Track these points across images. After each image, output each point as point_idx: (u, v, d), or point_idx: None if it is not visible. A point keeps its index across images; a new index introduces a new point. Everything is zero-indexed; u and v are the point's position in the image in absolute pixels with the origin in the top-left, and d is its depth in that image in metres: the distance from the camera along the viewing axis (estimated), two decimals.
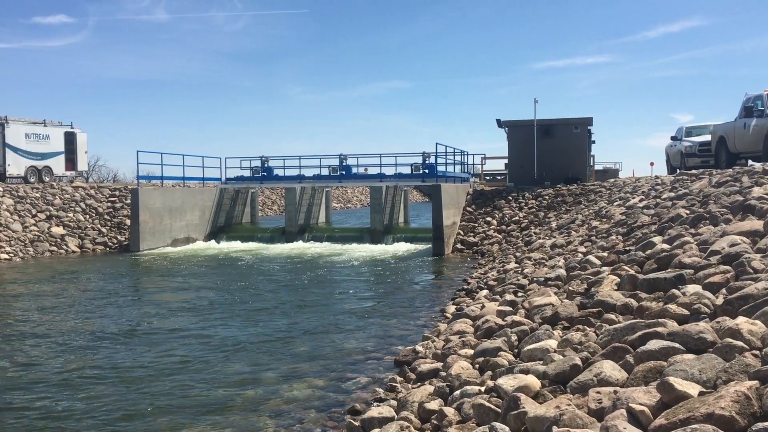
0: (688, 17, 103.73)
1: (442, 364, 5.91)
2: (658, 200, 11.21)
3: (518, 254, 13.64)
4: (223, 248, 21.90)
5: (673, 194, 11.07)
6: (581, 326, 5.15)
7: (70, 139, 25.80)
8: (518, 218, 20.55)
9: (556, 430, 3.13)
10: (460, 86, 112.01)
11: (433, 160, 22.94)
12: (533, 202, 21.47)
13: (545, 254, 11.22)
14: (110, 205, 23.15)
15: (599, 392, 3.45)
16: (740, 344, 3.43)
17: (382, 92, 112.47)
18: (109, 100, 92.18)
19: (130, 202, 21.62)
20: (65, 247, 20.51)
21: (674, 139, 20.25)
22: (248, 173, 26.25)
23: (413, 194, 53.40)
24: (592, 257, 8.03)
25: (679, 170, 17.24)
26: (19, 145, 23.56)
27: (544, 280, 7.96)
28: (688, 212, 8.39)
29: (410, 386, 5.79)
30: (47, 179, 24.54)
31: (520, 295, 7.84)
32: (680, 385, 3.00)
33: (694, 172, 14.11)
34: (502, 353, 5.30)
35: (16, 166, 23.49)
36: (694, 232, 7.19)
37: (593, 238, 10.48)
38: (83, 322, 10.09)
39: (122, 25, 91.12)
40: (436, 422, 4.41)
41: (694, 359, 3.36)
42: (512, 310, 6.90)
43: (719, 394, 2.77)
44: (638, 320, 4.48)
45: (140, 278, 15.61)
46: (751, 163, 14.51)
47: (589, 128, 24.12)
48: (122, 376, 7.11)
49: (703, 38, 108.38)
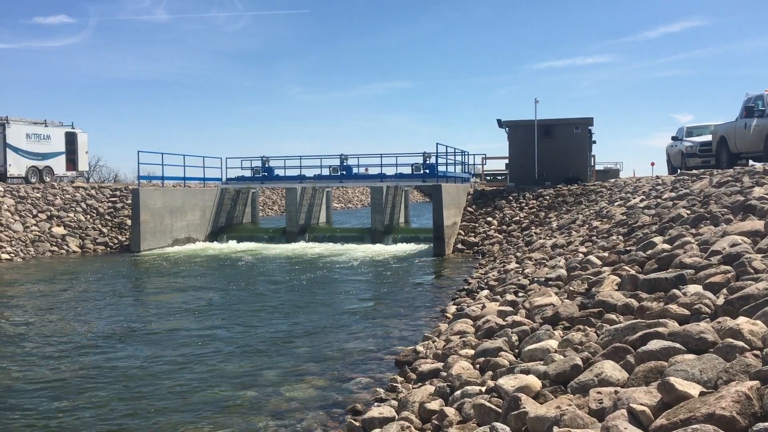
0: (688, 17, 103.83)
1: (442, 364, 5.90)
2: (658, 200, 11.21)
3: (519, 254, 13.63)
4: (223, 248, 21.91)
5: (673, 194, 11.06)
6: (582, 326, 5.14)
7: (70, 139, 25.83)
8: (519, 218, 20.54)
9: (556, 430, 3.13)
10: (460, 86, 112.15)
11: (433, 160, 22.92)
12: (534, 202, 21.46)
13: (546, 254, 11.22)
14: (111, 205, 23.17)
15: (600, 392, 3.45)
16: (741, 344, 3.43)
17: (382, 92, 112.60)
18: (109, 100, 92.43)
19: (130, 202, 21.63)
20: (66, 247, 20.52)
21: (675, 139, 20.25)
22: (249, 173, 26.25)
23: (414, 194, 53.42)
24: (592, 257, 8.02)
25: (679, 170, 17.24)
26: (19, 145, 23.59)
27: (544, 280, 7.96)
28: (688, 212, 8.39)
29: (411, 386, 5.78)
30: (48, 179, 24.56)
31: (520, 295, 7.84)
32: (681, 385, 3.00)
33: (694, 172, 14.10)
34: (502, 353, 5.30)
35: (17, 166, 23.52)
36: (694, 232, 7.19)
37: (594, 238, 10.48)
38: (84, 322, 10.09)
39: (123, 25, 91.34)
40: (436, 422, 4.40)
41: (694, 359, 3.36)
42: (513, 310, 6.90)
43: (720, 394, 2.77)
44: (639, 320, 4.48)
45: (141, 278, 15.62)
46: (751, 163, 14.50)
47: (589, 128, 24.12)
48: (122, 376, 7.11)
49: (703, 38, 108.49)
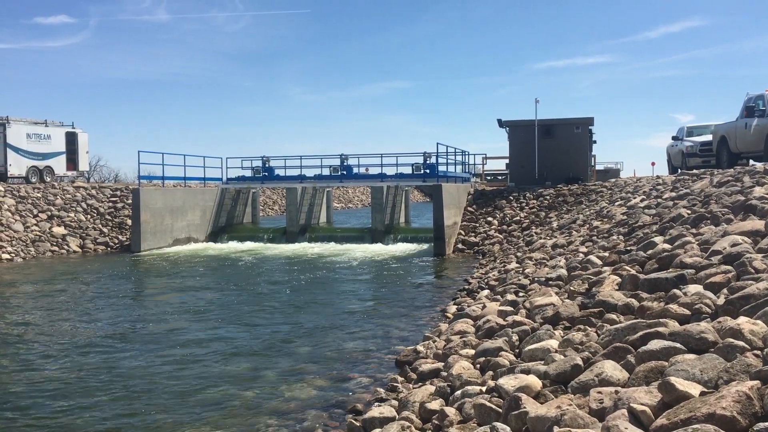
0: (688, 17, 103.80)
1: (443, 364, 5.90)
2: (659, 200, 11.20)
3: (519, 254, 13.63)
4: (224, 248, 21.90)
5: (674, 194, 11.06)
6: (582, 326, 5.14)
7: (71, 139, 25.84)
8: (519, 218, 20.53)
9: (557, 430, 3.13)
10: (460, 86, 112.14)
11: (434, 160, 22.93)
12: (534, 202, 21.45)
13: (546, 254, 11.22)
14: (111, 205, 23.17)
15: (600, 392, 3.45)
16: (741, 344, 3.43)
17: (382, 92, 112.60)
18: (109, 100, 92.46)
19: (131, 202, 21.62)
20: (66, 247, 20.52)
21: (675, 138, 20.24)
22: (249, 173, 26.24)
23: (414, 194, 53.41)
24: (593, 257, 8.02)
25: (680, 170, 17.24)
26: (20, 145, 23.60)
27: (545, 280, 7.95)
28: (689, 212, 8.38)
29: (411, 386, 5.78)
30: (48, 179, 24.57)
31: (521, 295, 7.84)
32: (681, 385, 3.00)
33: (695, 171, 14.10)
34: (503, 353, 5.30)
35: (17, 166, 23.53)
36: (695, 232, 7.19)
37: (594, 238, 10.47)
38: (84, 322, 10.09)
39: (123, 25, 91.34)
40: (437, 422, 4.40)
41: (695, 359, 3.36)
42: (513, 310, 6.89)
43: (720, 394, 2.77)
44: (639, 320, 4.48)
45: (141, 278, 15.62)
46: (752, 162, 14.49)
47: (590, 128, 24.10)
48: (122, 376, 7.11)
49: (703, 38, 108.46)
